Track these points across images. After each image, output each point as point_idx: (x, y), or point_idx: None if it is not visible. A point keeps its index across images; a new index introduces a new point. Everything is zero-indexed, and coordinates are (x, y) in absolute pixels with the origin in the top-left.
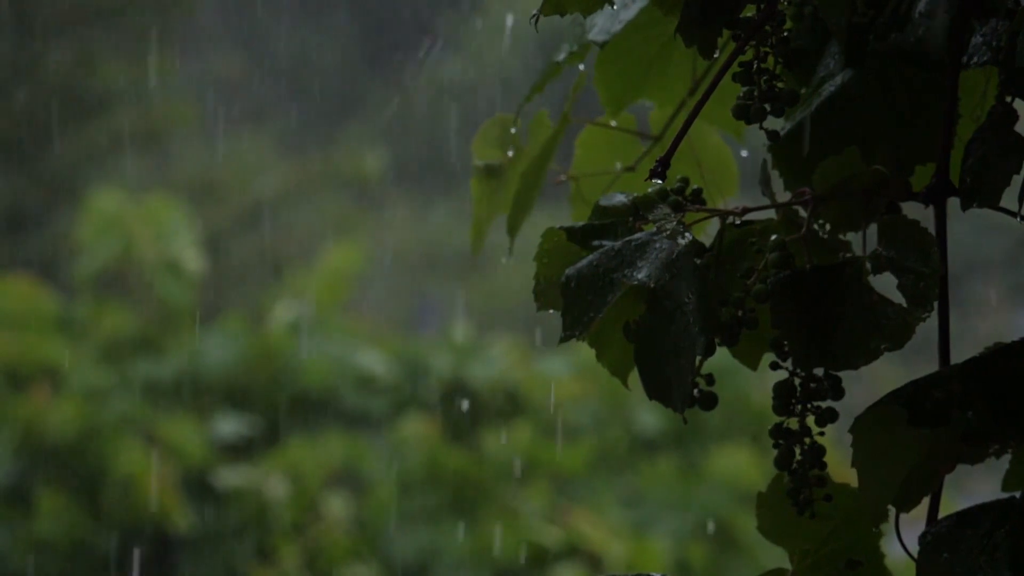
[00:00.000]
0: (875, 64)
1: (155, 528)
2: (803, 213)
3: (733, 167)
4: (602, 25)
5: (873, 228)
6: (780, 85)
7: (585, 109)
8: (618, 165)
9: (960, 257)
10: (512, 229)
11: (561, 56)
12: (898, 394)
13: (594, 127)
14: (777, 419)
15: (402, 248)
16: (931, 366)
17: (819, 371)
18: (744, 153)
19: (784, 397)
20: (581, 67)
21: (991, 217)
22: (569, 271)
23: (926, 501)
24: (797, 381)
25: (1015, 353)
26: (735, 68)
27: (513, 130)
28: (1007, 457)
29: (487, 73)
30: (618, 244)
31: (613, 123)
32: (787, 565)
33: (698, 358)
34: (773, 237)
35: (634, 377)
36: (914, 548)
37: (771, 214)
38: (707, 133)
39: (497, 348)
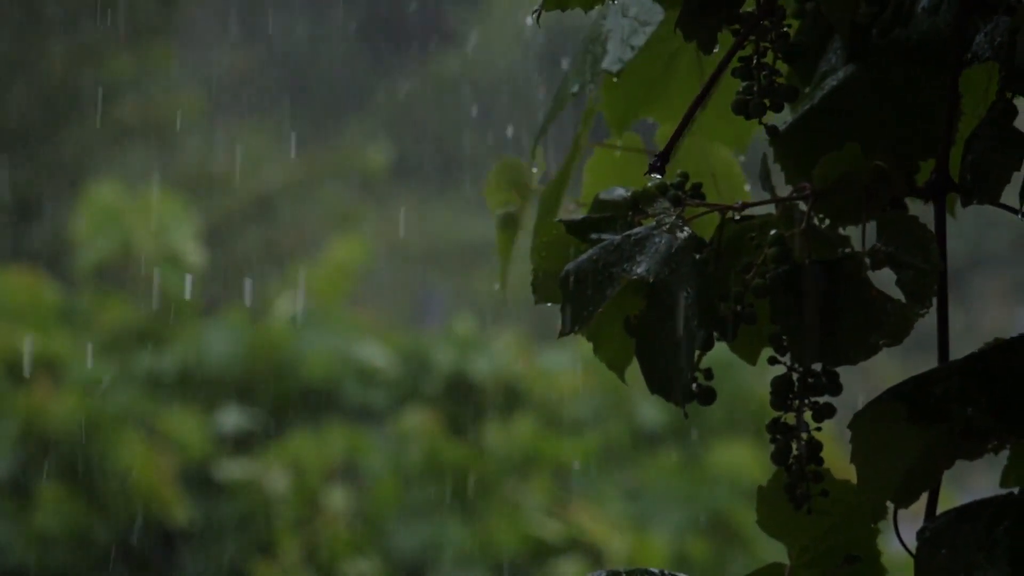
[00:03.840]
0: (877, 60)
1: (156, 521)
2: (803, 208)
3: (741, 178)
4: (614, 54)
5: (873, 223)
6: (780, 80)
7: (592, 134)
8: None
9: (961, 253)
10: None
11: (575, 88)
12: (897, 390)
13: (603, 151)
14: (775, 414)
15: (405, 242)
16: (931, 362)
17: (817, 366)
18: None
19: (782, 392)
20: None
21: (993, 213)
22: (569, 266)
23: (924, 497)
24: (795, 376)
25: (1014, 349)
26: (735, 63)
27: (535, 169)
28: (1006, 453)
29: (491, 68)
30: (617, 238)
31: (618, 144)
32: (787, 560)
33: (697, 352)
34: (772, 232)
35: (633, 371)
36: (912, 544)
37: (771, 209)
38: (717, 144)
39: (499, 342)
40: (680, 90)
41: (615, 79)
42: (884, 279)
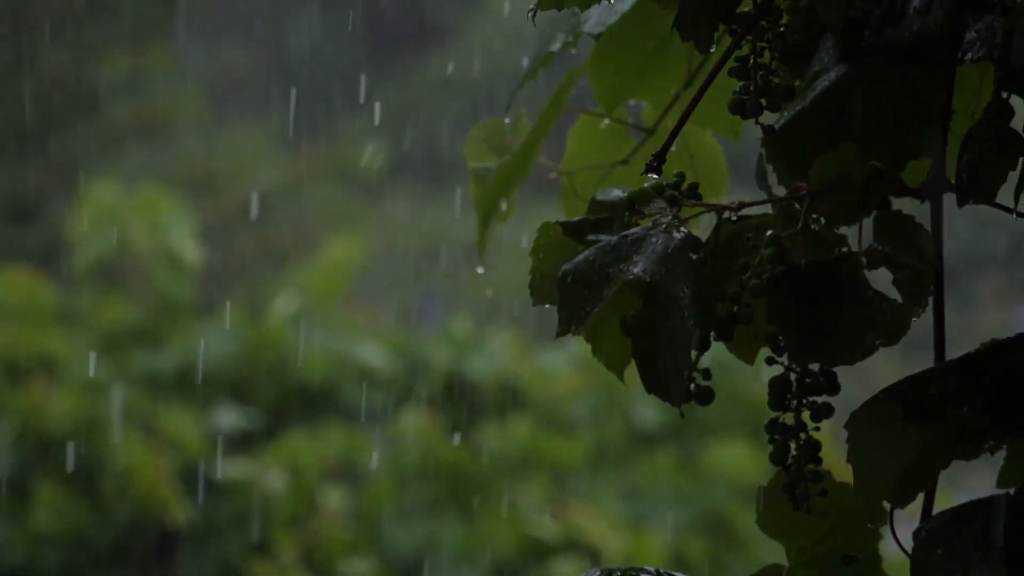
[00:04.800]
0: (870, 59)
1: (153, 520)
2: (799, 208)
3: (724, 167)
4: (598, 17)
5: (869, 223)
6: (776, 80)
7: (576, 103)
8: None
9: (958, 253)
10: (495, 220)
11: (556, 46)
12: (894, 390)
13: (587, 119)
14: (773, 414)
15: (402, 241)
16: (929, 361)
17: (815, 366)
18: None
19: (780, 392)
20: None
21: (990, 213)
22: (565, 267)
23: (921, 497)
24: (793, 376)
25: (1010, 349)
26: (731, 63)
27: (507, 119)
28: (1003, 453)
29: (488, 67)
30: (614, 239)
31: (604, 116)
32: (785, 560)
33: (695, 352)
34: (769, 232)
35: (631, 371)
36: (909, 544)
37: (767, 209)
38: (701, 131)
39: (496, 342)
40: (673, 68)
41: (602, 50)
42: (881, 279)
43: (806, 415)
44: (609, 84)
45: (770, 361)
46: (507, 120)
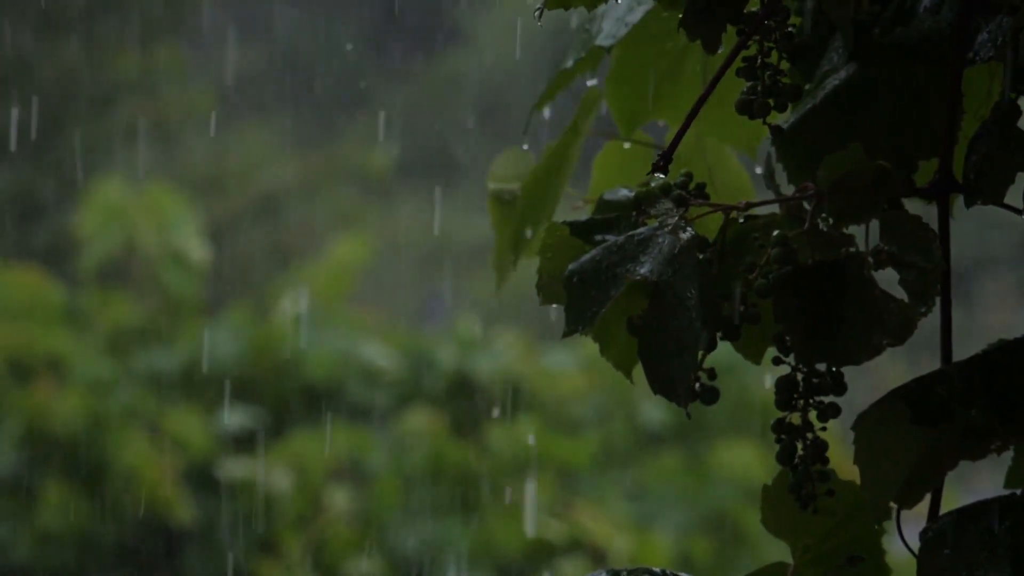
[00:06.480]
0: (879, 59)
1: (159, 520)
2: (807, 207)
3: (748, 184)
4: (608, 30)
5: (876, 223)
6: (784, 80)
7: (597, 127)
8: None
9: (966, 254)
10: (520, 250)
11: (569, 64)
12: (901, 392)
13: (612, 146)
14: (779, 414)
15: (408, 242)
16: (936, 362)
17: (821, 366)
18: (758, 171)
19: (786, 392)
20: (592, 83)
21: (998, 214)
22: (572, 266)
23: (928, 497)
24: (799, 376)
25: (1017, 350)
26: (739, 63)
27: (525, 147)
28: (1010, 454)
29: (496, 66)
30: (621, 239)
31: (628, 140)
32: (790, 560)
33: (700, 352)
34: (776, 232)
35: (638, 372)
36: (915, 544)
37: (774, 209)
38: (722, 151)
39: (502, 342)
40: (689, 87)
41: (618, 72)
42: (888, 279)
43: (813, 415)
44: (627, 106)
45: (777, 361)
46: (524, 147)
